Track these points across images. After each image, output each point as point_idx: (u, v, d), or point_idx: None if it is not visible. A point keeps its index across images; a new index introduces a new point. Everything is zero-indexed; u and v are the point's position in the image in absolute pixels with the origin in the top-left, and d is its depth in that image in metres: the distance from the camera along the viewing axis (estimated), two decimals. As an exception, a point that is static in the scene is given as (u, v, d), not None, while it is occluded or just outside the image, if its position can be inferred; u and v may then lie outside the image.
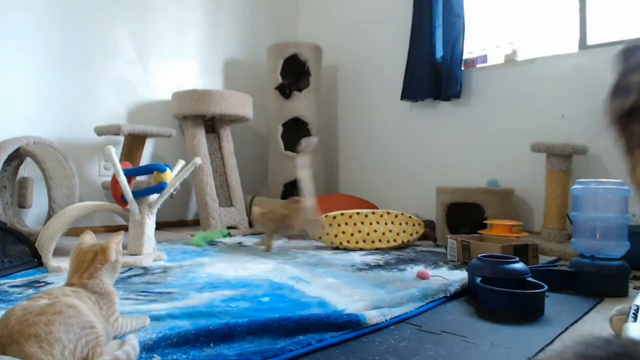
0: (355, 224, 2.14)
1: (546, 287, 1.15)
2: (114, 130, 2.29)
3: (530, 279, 1.21)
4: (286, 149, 2.99)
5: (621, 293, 1.32)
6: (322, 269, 1.62)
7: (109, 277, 0.87)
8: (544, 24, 2.54)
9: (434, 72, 2.70)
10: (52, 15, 2.33)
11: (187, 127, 2.67)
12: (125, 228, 1.86)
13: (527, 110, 2.47)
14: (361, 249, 2.10)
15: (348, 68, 3.27)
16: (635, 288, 1.39)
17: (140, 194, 1.73)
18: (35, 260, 1.57)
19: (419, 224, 2.25)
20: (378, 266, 1.71)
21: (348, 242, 2.11)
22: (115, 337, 0.85)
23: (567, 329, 1.02)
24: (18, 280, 1.39)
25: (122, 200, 1.74)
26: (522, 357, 0.85)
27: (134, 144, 2.45)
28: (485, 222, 2.14)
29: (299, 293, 1.27)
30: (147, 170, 1.84)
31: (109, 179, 1.95)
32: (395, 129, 3.03)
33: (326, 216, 2.13)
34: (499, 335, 0.97)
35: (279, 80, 3.00)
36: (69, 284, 0.84)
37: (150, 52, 2.74)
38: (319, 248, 2.11)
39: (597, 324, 1.06)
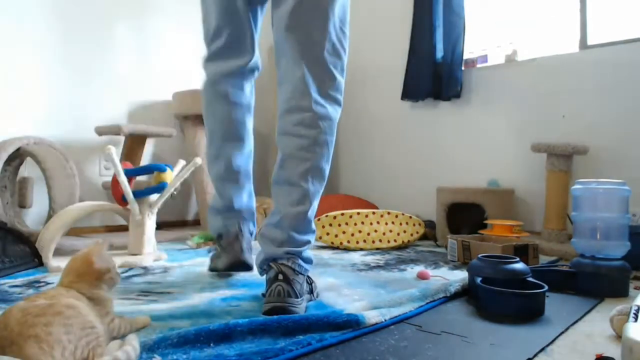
0: (355, 224, 2.14)
1: (546, 287, 1.15)
2: (115, 130, 2.29)
3: (530, 279, 1.21)
4: (286, 148, 2.99)
5: (621, 293, 1.31)
6: (322, 269, 1.62)
7: (93, 284, 0.84)
8: (545, 24, 2.54)
9: (434, 72, 2.69)
10: (51, 15, 2.33)
11: (187, 127, 2.67)
12: (125, 228, 1.86)
13: (527, 110, 2.47)
14: (361, 249, 2.10)
15: (348, 68, 3.26)
16: (635, 288, 1.39)
17: (140, 194, 1.73)
18: (35, 260, 1.57)
19: (419, 224, 2.25)
20: (378, 266, 1.71)
21: (348, 242, 2.11)
22: (115, 338, 0.84)
23: (567, 329, 1.02)
24: (18, 280, 1.39)
25: (122, 200, 1.74)
26: (522, 357, 0.84)
27: (134, 144, 2.45)
28: (486, 222, 2.14)
29: (299, 293, 1.27)
30: (148, 170, 1.85)
31: (110, 179, 1.95)
32: (395, 129, 3.03)
33: (326, 216, 2.13)
34: (499, 335, 0.97)
35: (279, 80, 3.00)
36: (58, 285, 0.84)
37: (150, 52, 2.74)
38: (319, 248, 2.11)
39: (597, 324, 1.06)
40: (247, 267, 1.36)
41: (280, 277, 1.08)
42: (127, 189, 1.68)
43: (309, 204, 1.16)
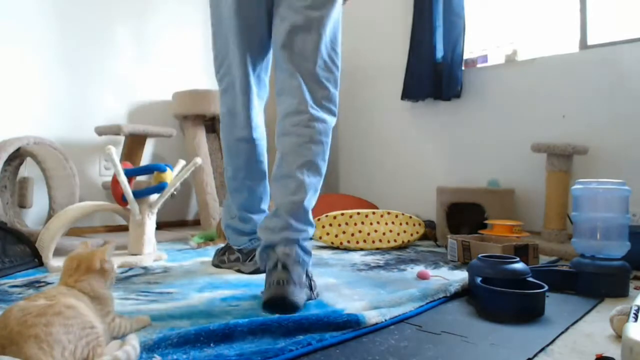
0: (355, 224, 2.14)
1: (546, 287, 1.15)
2: (115, 130, 2.29)
3: (530, 279, 1.21)
4: (286, 149, 2.99)
5: (622, 293, 1.31)
6: (322, 269, 1.62)
7: (98, 283, 0.85)
8: (545, 24, 2.54)
9: (435, 72, 2.69)
10: (51, 14, 2.33)
11: (187, 127, 2.67)
12: (125, 228, 1.86)
13: (527, 110, 2.46)
14: (361, 249, 2.10)
15: (348, 68, 3.26)
16: (635, 288, 1.39)
17: (140, 194, 1.73)
18: (35, 260, 1.57)
19: (420, 224, 2.25)
20: (378, 266, 1.71)
21: (348, 242, 2.11)
22: (115, 338, 0.85)
23: (567, 329, 1.02)
24: (18, 280, 1.39)
25: (122, 200, 1.74)
26: (522, 357, 0.85)
27: (134, 144, 2.45)
28: (486, 222, 2.14)
29: (299, 293, 1.27)
30: (148, 170, 1.84)
31: (110, 179, 1.95)
32: (395, 129, 3.03)
33: (326, 216, 2.13)
34: (499, 335, 0.97)
35: (279, 80, 3.00)
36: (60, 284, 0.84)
37: (150, 52, 2.74)
38: (319, 248, 2.11)
39: (597, 324, 1.06)
40: None
41: (279, 266, 1.10)
42: (127, 189, 1.68)
43: (305, 193, 1.21)
